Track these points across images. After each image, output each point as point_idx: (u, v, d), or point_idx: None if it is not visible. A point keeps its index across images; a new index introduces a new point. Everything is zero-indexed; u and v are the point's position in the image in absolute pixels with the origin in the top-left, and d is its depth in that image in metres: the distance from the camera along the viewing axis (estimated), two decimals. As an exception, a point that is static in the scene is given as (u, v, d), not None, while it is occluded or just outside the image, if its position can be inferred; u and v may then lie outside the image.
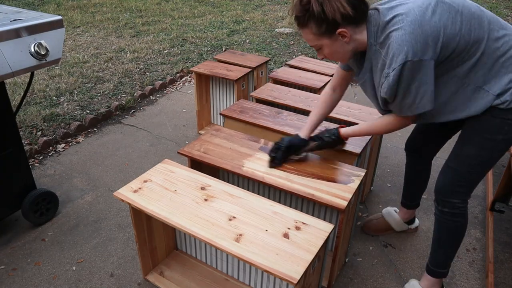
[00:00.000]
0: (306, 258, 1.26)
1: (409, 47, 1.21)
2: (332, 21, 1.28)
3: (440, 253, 1.65)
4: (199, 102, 3.00)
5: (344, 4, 1.26)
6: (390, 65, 1.26)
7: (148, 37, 5.15)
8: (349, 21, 1.29)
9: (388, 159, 2.75)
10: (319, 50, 1.42)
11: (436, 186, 1.56)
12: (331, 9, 1.26)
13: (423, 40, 1.21)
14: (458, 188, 1.50)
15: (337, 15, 1.27)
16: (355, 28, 1.32)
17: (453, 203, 1.51)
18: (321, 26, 1.31)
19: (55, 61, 1.83)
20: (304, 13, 1.31)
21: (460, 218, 1.54)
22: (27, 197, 2.04)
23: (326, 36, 1.34)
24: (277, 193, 1.90)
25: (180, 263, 1.87)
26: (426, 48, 1.22)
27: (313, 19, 1.30)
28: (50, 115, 3.20)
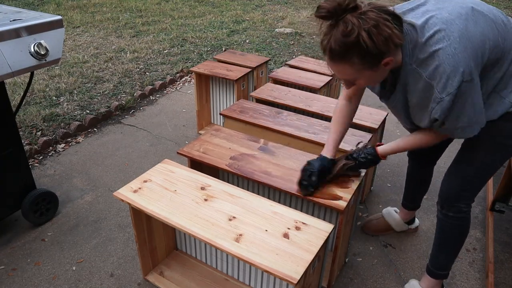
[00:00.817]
0: (306, 258, 1.26)
1: (464, 67, 1.11)
2: (381, 52, 1.11)
3: (442, 256, 1.64)
4: (199, 102, 3.00)
5: (396, 32, 1.08)
6: (444, 89, 1.14)
7: (148, 37, 5.15)
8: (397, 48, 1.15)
9: (388, 159, 2.75)
10: (351, 82, 1.26)
11: (442, 190, 1.53)
12: (383, 39, 1.08)
13: (475, 57, 1.13)
14: (464, 193, 1.48)
15: (390, 45, 1.10)
16: (396, 51, 1.18)
17: (459, 207, 1.50)
18: (366, 60, 1.13)
19: (55, 61, 1.83)
20: (347, 47, 1.10)
21: (464, 222, 1.53)
22: (27, 197, 2.04)
23: (369, 69, 1.17)
24: (277, 193, 1.90)
25: (180, 263, 1.87)
26: (477, 64, 1.14)
27: (357, 53, 1.11)
28: (50, 115, 3.20)
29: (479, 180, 1.47)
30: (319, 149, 1.94)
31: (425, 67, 1.17)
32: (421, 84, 1.21)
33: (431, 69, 1.15)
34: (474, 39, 1.13)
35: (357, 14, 1.08)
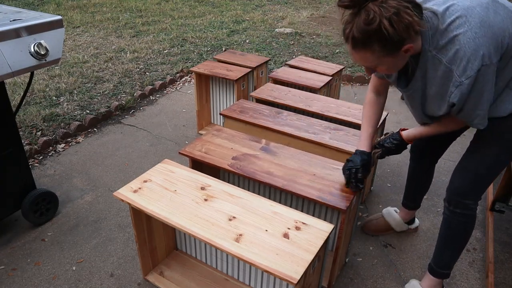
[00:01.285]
0: (306, 258, 1.26)
1: (485, 51, 1.12)
2: (402, 39, 1.14)
3: (446, 254, 1.64)
4: (199, 102, 3.00)
5: (416, 20, 1.11)
6: (464, 72, 1.15)
7: (148, 37, 5.15)
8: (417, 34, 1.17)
9: (388, 159, 2.75)
10: (373, 68, 1.29)
11: (451, 186, 1.53)
12: (403, 26, 1.10)
13: (495, 43, 1.14)
14: (474, 190, 1.49)
15: (410, 32, 1.12)
16: (416, 38, 1.20)
17: (466, 204, 1.50)
18: (386, 46, 1.16)
19: (55, 61, 1.83)
20: (369, 35, 1.13)
21: (470, 219, 1.53)
22: (27, 197, 2.04)
23: (390, 55, 1.19)
24: (278, 193, 1.90)
25: (180, 263, 1.87)
26: (497, 50, 1.15)
27: (379, 40, 1.14)
28: (50, 115, 3.20)
29: (489, 177, 1.47)
30: (319, 149, 1.95)
31: (445, 52, 1.19)
32: (441, 70, 1.22)
33: (451, 54, 1.17)
34: (495, 26, 1.14)
35: (379, 2, 1.10)
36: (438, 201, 2.36)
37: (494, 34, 1.14)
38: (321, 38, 5.20)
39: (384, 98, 1.63)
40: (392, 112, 3.36)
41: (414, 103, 1.43)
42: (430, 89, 1.31)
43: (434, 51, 1.21)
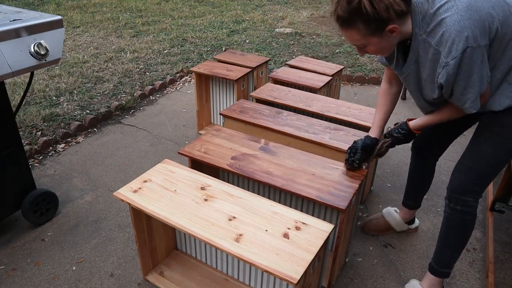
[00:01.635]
0: (306, 258, 1.26)
1: (469, 33, 1.15)
2: (383, 19, 1.21)
3: (447, 252, 1.64)
4: (199, 102, 3.00)
5: (397, 0, 1.18)
6: (449, 53, 1.19)
7: (148, 37, 5.15)
8: (400, 16, 1.23)
9: (388, 159, 2.75)
10: (363, 48, 1.35)
11: (452, 184, 1.54)
12: (384, 6, 1.18)
13: (481, 26, 1.17)
14: (474, 187, 1.49)
15: (390, 13, 1.19)
16: (403, 20, 1.26)
17: (467, 201, 1.51)
18: (370, 25, 1.23)
19: (55, 61, 1.83)
20: (351, 13, 1.22)
21: (470, 217, 1.54)
22: (27, 197, 2.04)
23: (375, 35, 1.26)
24: (277, 193, 1.90)
25: (180, 263, 1.87)
26: (484, 33, 1.17)
27: (361, 18, 1.21)
28: (50, 115, 3.20)
29: (489, 174, 1.48)
30: (319, 149, 1.95)
31: (434, 35, 1.23)
32: (431, 53, 1.26)
33: (438, 36, 1.22)
34: (482, 11, 1.17)
35: None
36: (438, 201, 2.36)
37: (480, 17, 1.17)
38: (321, 38, 5.20)
39: (396, 87, 1.66)
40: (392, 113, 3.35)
41: (411, 88, 1.47)
42: (423, 72, 1.35)
43: (424, 35, 1.26)
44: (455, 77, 1.23)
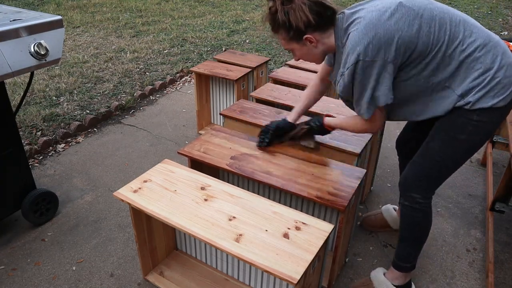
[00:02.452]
0: (306, 258, 1.26)
1: (361, 47, 1.26)
2: (297, 28, 1.37)
3: (401, 247, 1.67)
4: (199, 102, 3.00)
5: (307, 14, 1.34)
6: (345, 65, 1.32)
7: (148, 37, 5.15)
8: (314, 28, 1.38)
9: (388, 159, 2.75)
10: (292, 52, 1.51)
11: (400, 178, 1.59)
12: (295, 18, 1.35)
13: (376, 42, 1.25)
14: (419, 183, 1.52)
15: (301, 24, 1.35)
16: (322, 33, 1.41)
17: (413, 197, 1.53)
18: (289, 33, 1.40)
19: (55, 61, 1.83)
20: (273, 21, 1.41)
21: (419, 214, 1.55)
22: (27, 197, 2.04)
23: (295, 41, 1.43)
24: (277, 193, 1.90)
25: (180, 263, 1.87)
26: (378, 49, 1.26)
27: (281, 26, 1.39)
28: (50, 115, 3.20)
29: (434, 172, 1.49)
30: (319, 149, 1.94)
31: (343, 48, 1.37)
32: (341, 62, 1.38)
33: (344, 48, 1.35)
34: (380, 29, 1.26)
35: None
36: (438, 200, 2.36)
37: (376, 34, 1.25)
38: (321, 38, 5.19)
39: (326, 86, 1.80)
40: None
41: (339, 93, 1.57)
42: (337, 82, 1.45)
43: (342, 48, 1.39)
44: (351, 86, 1.35)
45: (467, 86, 1.32)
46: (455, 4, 7.25)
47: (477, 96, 1.31)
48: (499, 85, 1.30)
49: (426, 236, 1.63)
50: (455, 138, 1.40)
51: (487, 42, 1.31)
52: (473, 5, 7.14)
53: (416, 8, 1.29)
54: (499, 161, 2.76)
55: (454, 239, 2.10)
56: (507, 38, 4.20)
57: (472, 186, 2.51)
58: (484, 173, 2.62)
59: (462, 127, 1.37)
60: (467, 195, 2.43)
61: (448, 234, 2.12)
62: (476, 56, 1.30)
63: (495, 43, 1.32)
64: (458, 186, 2.49)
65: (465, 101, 1.32)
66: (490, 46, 1.31)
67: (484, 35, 1.32)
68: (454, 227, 2.17)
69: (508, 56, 1.32)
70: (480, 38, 1.31)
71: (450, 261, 1.96)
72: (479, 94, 1.31)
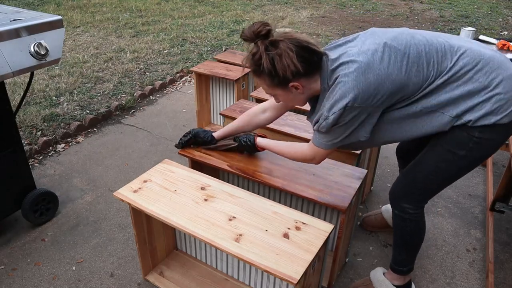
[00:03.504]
0: (306, 258, 1.26)
1: (351, 95, 1.21)
2: (284, 77, 1.28)
3: (395, 252, 1.67)
4: (199, 102, 3.00)
5: (294, 62, 1.25)
6: (331, 109, 1.26)
7: (148, 37, 5.15)
8: (300, 76, 1.29)
9: (388, 159, 2.75)
10: (274, 97, 1.44)
11: (392, 187, 1.58)
12: (282, 66, 1.25)
13: (366, 88, 1.21)
14: (410, 194, 1.51)
15: (288, 73, 1.26)
16: (309, 79, 1.32)
17: (403, 207, 1.52)
18: (274, 80, 1.31)
19: (55, 61, 1.83)
20: (254, 66, 1.31)
21: (409, 224, 1.54)
22: (27, 197, 2.04)
23: (279, 88, 1.34)
24: (277, 193, 1.90)
25: (180, 263, 1.87)
26: (368, 97, 1.22)
27: (264, 73, 1.30)
28: (50, 115, 3.20)
29: (426, 185, 1.47)
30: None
31: None
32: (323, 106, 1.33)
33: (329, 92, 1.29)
34: (370, 74, 1.21)
35: (268, 41, 1.26)
36: (438, 201, 2.36)
37: (366, 80, 1.21)
38: (321, 38, 5.20)
39: (268, 117, 1.70)
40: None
41: None
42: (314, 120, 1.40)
43: (327, 90, 1.32)
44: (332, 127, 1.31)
45: (462, 108, 1.26)
46: (455, 4, 7.26)
47: (477, 115, 1.25)
48: (501, 101, 1.24)
49: (420, 242, 1.63)
50: (453, 153, 1.35)
51: (478, 60, 1.25)
52: (473, 5, 7.15)
53: (402, 48, 1.25)
54: (499, 161, 2.76)
55: (454, 239, 2.10)
56: (507, 38, 4.20)
57: (472, 186, 2.51)
58: (484, 173, 2.62)
59: (463, 143, 1.32)
60: (467, 195, 2.43)
61: (448, 234, 2.13)
62: (468, 78, 1.25)
63: (488, 59, 1.26)
64: (458, 186, 2.49)
65: (465, 120, 1.27)
66: (482, 64, 1.25)
67: (473, 55, 1.26)
68: (454, 227, 2.17)
69: (505, 69, 1.26)
70: (470, 59, 1.26)
71: (450, 261, 1.96)
72: (480, 112, 1.25)
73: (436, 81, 1.26)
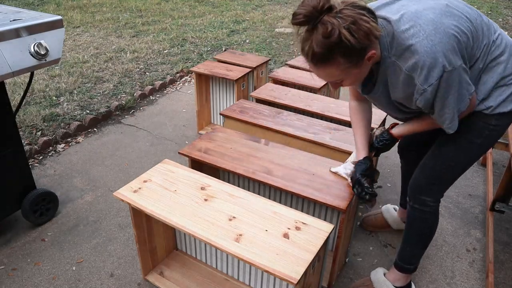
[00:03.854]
0: (306, 258, 1.26)
1: (442, 58, 1.12)
2: (364, 48, 1.12)
3: (406, 249, 1.66)
4: (199, 102, 3.00)
5: (374, 25, 1.09)
6: (426, 81, 1.15)
7: (148, 37, 5.15)
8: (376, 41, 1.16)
9: (388, 159, 2.75)
10: (339, 83, 1.27)
11: (411, 182, 1.57)
12: (363, 33, 1.08)
13: (452, 47, 1.14)
14: (431, 186, 1.51)
15: (372, 38, 1.11)
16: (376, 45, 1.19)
17: (425, 200, 1.52)
18: (351, 58, 1.14)
19: (55, 61, 1.82)
20: (330, 48, 1.10)
21: (429, 216, 1.55)
22: (27, 197, 2.04)
23: (355, 66, 1.17)
24: (277, 193, 1.90)
25: (180, 263, 1.87)
26: (456, 53, 1.15)
27: (342, 52, 1.11)
28: (50, 115, 3.20)
29: (447, 175, 1.48)
30: (319, 149, 1.95)
31: (404, 60, 1.18)
32: (402, 77, 1.22)
33: (410, 63, 1.17)
34: (449, 30, 1.15)
35: (334, 13, 1.08)
36: (438, 201, 2.36)
37: (449, 38, 1.14)
38: (321, 38, 5.19)
39: (367, 103, 1.61)
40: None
41: (382, 106, 1.46)
42: (394, 93, 1.31)
43: (394, 57, 1.21)
44: (433, 100, 1.21)
45: (488, 90, 1.28)
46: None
47: (499, 100, 1.28)
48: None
49: (432, 237, 1.63)
50: (470, 141, 1.37)
51: (509, 45, 1.28)
52: (473, 5, 7.14)
53: (460, 11, 1.21)
54: (499, 161, 2.76)
55: (454, 239, 2.10)
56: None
57: (472, 186, 2.51)
58: (484, 173, 2.62)
59: (480, 131, 1.34)
60: (467, 195, 2.43)
61: (448, 234, 2.12)
62: (501, 60, 1.26)
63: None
64: (458, 186, 2.49)
65: (485, 106, 1.29)
66: (511, 49, 1.28)
67: (506, 38, 1.29)
68: (454, 227, 2.17)
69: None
70: (504, 41, 1.27)
71: (450, 261, 1.96)
72: (501, 98, 1.28)
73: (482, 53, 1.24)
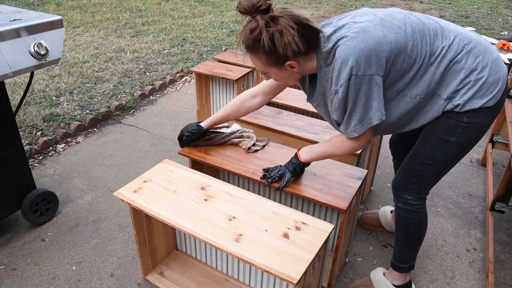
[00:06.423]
0: (306, 258, 1.26)
1: (353, 62, 1.19)
2: (283, 55, 1.24)
3: (397, 248, 1.67)
4: (199, 102, 3.00)
5: (296, 40, 1.21)
6: (338, 81, 1.24)
7: (148, 37, 5.15)
8: (300, 54, 1.26)
9: (388, 159, 2.75)
10: (266, 74, 1.40)
11: (393, 181, 1.60)
12: (283, 44, 1.21)
13: (367, 55, 1.19)
14: (411, 185, 1.52)
15: (288, 51, 1.22)
16: (306, 57, 1.29)
17: (406, 199, 1.53)
18: (270, 57, 1.27)
19: (55, 61, 1.83)
20: (251, 42, 1.25)
21: (412, 215, 1.56)
22: (27, 197, 2.04)
23: (274, 66, 1.30)
24: (277, 193, 1.90)
25: (180, 263, 1.87)
26: (370, 62, 1.20)
27: (262, 50, 1.25)
28: (50, 115, 3.20)
29: (425, 174, 1.48)
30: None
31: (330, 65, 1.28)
32: (329, 81, 1.30)
33: (332, 66, 1.26)
34: (370, 40, 1.20)
35: (268, 16, 1.20)
36: (438, 201, 2.36)
37: (367, 46, 1.19)
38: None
39: (258, 102, 1.69)
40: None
41: (322, 115, 1.50)
42: (329, 102, 1.37)
43: (325, 67, 1.30)
44: (345, 102, 1.27)
45: (453, 89, 1.30)
46: (455, 4, 7.26)
47: (466, 98, 1.29)
48: (486, 84, 1.28)
49: (422, 237, 1.63)
50: (445, 140, 1.38)
51: (467, 43, 1.29)
52: (473, 5, 7.15)
53: (397, 23, 1.26)
54: (499, 161, 2.76)
55: (454, 239, 2.10)
56: (507, 38, 4.20)
57: (472, 186, 2.51)
58: (484, 173, 2.62)
59: (452, 129, 1.36)
60: (467, 195, 2.43)
61: (448, 234, 2.13)
62: (458, 59, 1.28)
63: (475, 43, 1.30)
64: (458, 186, 2.49)
65: (453, 104, 1.31)
66: (470, 47, 1.29)
67: (462, 37, 1.30)
68: (454, 227, 2.18)
69: (490, 53, 1.30)
70: (459, 41, 1.29)
71: (450, 261, 1.96)
72: (467, 95, 1.29)
73: (429, 60, 1.27)
